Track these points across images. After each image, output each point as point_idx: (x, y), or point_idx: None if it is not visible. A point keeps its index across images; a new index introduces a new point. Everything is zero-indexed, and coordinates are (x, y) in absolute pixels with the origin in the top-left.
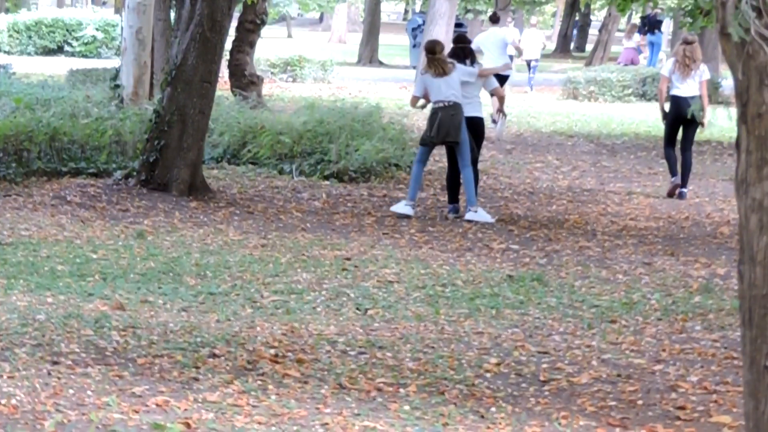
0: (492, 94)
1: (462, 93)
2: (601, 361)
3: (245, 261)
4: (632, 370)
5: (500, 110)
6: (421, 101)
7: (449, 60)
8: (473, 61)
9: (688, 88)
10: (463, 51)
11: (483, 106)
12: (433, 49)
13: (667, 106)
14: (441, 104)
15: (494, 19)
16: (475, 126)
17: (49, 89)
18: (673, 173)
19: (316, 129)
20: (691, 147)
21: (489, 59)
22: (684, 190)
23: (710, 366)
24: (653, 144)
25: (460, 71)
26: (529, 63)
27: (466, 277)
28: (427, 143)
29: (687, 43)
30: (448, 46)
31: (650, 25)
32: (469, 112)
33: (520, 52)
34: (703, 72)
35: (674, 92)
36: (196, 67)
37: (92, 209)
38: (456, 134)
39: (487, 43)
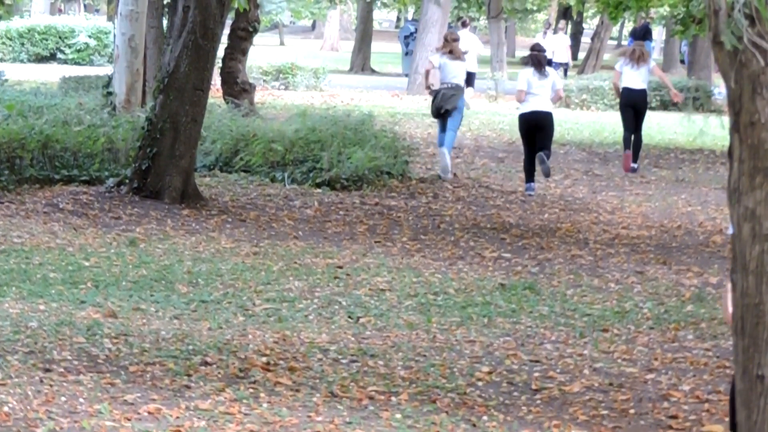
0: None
1: (539, 88)
2: (593, 370)
3: (237, 269)
4: (624, 379)
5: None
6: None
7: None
8: (544, 67)
9: (635, 81)
10: (538, 58)
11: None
12: (456, 38)
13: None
14: (446, 85)
15: (465, 24)
16: (543, 119)
17: (42, 96)
18: (626, 148)
19: (308, 137)
20: (641, 129)
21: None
22: (635, 165)
23: (702, 375)
24: (645, 153)
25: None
26: (557, 67)
27: (458, 286)
28: (434, 114)
29: (638, 45)
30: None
31: (640, 33)
32: (535, 107)
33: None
34: (648, 65)
35: (625, 85)
36: (189, 74)
37: (84, 217)
38: (452, 109)
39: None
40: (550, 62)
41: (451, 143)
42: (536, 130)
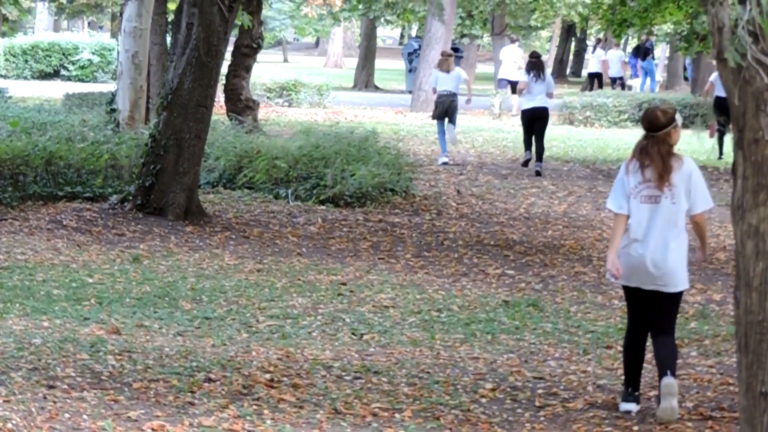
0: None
1: (533, 90)
2: (597, 386)
3: (241, 285)
4: None
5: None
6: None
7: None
8: (542, 71)
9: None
10: (536, 64)
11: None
12: (449, 54)
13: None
14: (444, 92)
15: (513, 40)
16: (541, 113)
17: (46, 113)
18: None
19: (311, 154)
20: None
21: (507, 69)
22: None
23: (706, 392)
24: None
25: (460, 73)
26: (614, 81)
27: (462, 303)
28: (436, 117)
29: None
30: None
31: (642, 51)
32: (535, 104)
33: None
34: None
35: (717, 93)
36: (192, 91)
37: (88, 233)
38: (452, 112)
39: (506, 56)
40: (600, 75)
41: (453, 127)
42: (535, 120)
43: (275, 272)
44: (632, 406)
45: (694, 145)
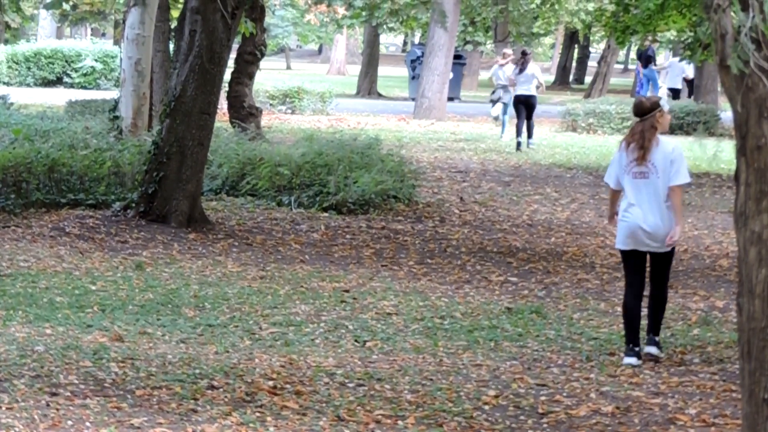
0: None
1: (524, 80)
2: (600, 393)
3: (244, 293)
4: (631, 402)
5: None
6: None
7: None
8: (525, 66)
9: None
10: (522, 61)
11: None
12: (506, 55)
13: None
14: (499, 84)
15: (675, 54)
16: (528, 99)
17: (48, 120)
18: None
19: (314, 161)
20: None
21: (674, 80)
22: None
23: (709, 399)
24: None
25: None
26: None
27: (465, 310)
28: (494, 101)
29: None
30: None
31: (644, 59)
32: (524, 92)
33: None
34: None
35: None
36: (195, 98)
37: (91, 241)
38: (500, 95)
39: (672, 70)
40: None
41: (504, 114)
42: (524, 105)
43: (278, 279)
44: (634, 360)
45: (696, 152)
